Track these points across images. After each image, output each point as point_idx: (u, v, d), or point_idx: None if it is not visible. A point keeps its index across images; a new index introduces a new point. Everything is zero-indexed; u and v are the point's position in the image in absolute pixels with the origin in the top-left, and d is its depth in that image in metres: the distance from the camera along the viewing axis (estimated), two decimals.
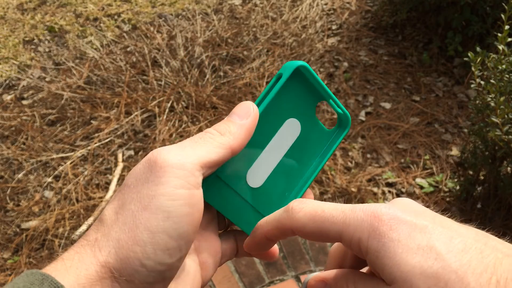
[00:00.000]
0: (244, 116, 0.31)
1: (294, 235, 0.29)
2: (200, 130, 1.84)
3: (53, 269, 0.25)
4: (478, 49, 1.12)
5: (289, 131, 0.34)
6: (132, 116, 1.92)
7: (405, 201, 0.26)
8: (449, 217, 0.26)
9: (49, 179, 1.69)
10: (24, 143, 1.86)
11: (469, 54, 1.10)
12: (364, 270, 0.29)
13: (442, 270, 0.22)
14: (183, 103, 1.96)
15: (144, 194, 0.27)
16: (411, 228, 0.24)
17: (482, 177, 1.37)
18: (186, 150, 0.28)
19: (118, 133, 1.86)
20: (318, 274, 0.29)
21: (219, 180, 0.32)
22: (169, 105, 1.96)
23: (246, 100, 1.95)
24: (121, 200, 0.27)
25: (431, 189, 1.59)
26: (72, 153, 1.79)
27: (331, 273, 0.28)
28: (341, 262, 0.31)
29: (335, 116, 1.88)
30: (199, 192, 0.28)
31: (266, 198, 0.34)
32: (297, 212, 0.27)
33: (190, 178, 0.27)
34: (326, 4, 2.63)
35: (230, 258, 0.35)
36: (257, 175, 0.33)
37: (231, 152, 0.29)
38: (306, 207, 0.27)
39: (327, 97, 0.35)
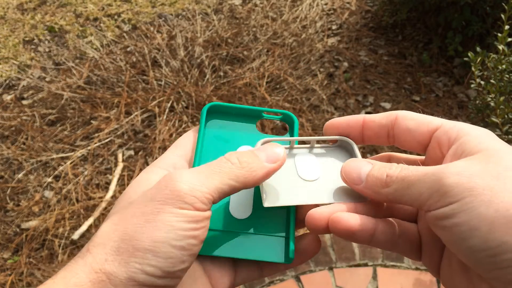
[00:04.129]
0: (271, 160, 0.31)
1: (389, 130, 0.33)
2: None
3: (42, 286, 0.26)
4: (478, 49, 1.12)
5: None
6: (132, 116, 1.92)
7: None
8: None
9: (49, 179, 1.69)
10: (24, 143, 1.86)
11: (469, 54, 1.10)
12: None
13: None
14: (183, 103, 1.96)
15: (148, 210, 0.27)
16: None
17: None
18: (200, 177, 0.28)
19: (118, 133, 1.86)
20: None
21: (209, 230, 0.31)
22: (169, 105, 1.96)
23: (246, 100, 1.95)
24: (121, 215, 0.28)
25: None
26: (72, 153, 1.79)
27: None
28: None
29: (335, 116, 1.88)
30: (207, 213, 0.28)
31: (264, 220, 0.33)
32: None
33: (197, 203, 0.27)
34: (326, 4, 2.63)
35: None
36: (242, 206, 0.33)
37: (243, 187, 0.30)
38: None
39: (258, 115, 0.37)
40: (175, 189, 0.27)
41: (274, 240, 0.32)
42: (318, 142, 0.36)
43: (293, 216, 0.33)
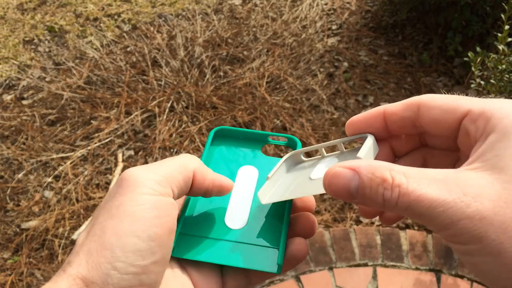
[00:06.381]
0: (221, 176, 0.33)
1: (414, 120, 0.29)
2: (200, 130, 1.84)
3: None
4: (478, 49, 1.12)
5: (246, 177, 0.37)
6: (132, 116, 1.92)
7: None
8: None
9: (49, 179, 1.69)
10: (24, 143, 1.86)
11: (469, 54, 1.10)
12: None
13: None
14: (183, 103, 1.96)
15: (111, 205, 0.27)
16: None
17: None
18: (152, 166, 0.29)
19: (118, 133, 1.86)
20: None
21: (200, 238, 0.33)
22: (169, 105, 1.96)
23: (246, 100, 1.95)
24: (92, 220, 0.28)
25: None
26: (72, 153, 1.79)
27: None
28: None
29: (335, 116, 1.88)
30: (168, 199, 0.28)
31: (257, 231, 0.34)
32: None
33: (156, 186, 0.28)
34: (326, 4, 2.63)
35: None
36: (237, 217, 0.34)
37: (192, 174, 0.30)
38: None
39: (263, 140, 0.38)
40: (130, 178, 0.28)
41: (265, 250, 0.33)
42: (344, 144, 0.36)
43: (285, 227, 0.33)
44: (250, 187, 0.36)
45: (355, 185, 0.25)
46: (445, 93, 0.29)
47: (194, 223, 0.34)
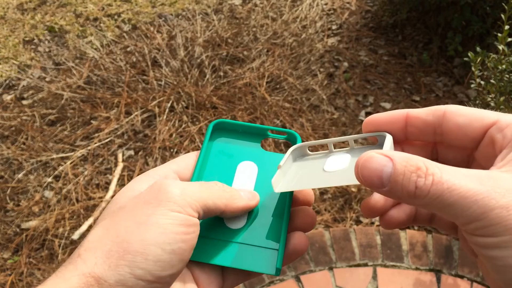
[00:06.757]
0: (248, 198, 0.34)
1: (436, 127, 0.30)
2: (200, 130, 1.84)
3: None
4: (478, 49, 1.12)
5: (245, 172, 0.36)
6: (132, 116, 1.92)
7: None
8: None
9: (49, 179, 1.69)
10: (24, 143, 1.86)
11: (469, 54, 1.10)
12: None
13: None
14: (183, 103, 1.96)
15: (141, 213, 0.28)
16: None
17: None
18: (190, 187, 0.30)
19: (118, 133, 1.86)
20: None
21: (200, 238, 0.33)
22: (169, 105, 1.96)
23: (246, 100, 1.95)
24: (112, 219, 0.28)
25: None
26: (72, 153, 1.79)
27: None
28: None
29: (335, 116, 1.88)
30: (194, 220, 0.29)
31: (257, 231, 0.34)
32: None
33: (187, 208, 0.28)
34: (326, 4, 2.63)
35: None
36: (236, 217, 0.34)
37: (224, 209, 0.31)
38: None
39: (263, 134, 0.38)
40: (167, 192, 0.28)
41: (265, 252, 0.33)
42: (356, 141, 0.36)
43: (285, 228, 0.33)
44: (250, 184, 0.36)
45: (388, 171, 0.24)
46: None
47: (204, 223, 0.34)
